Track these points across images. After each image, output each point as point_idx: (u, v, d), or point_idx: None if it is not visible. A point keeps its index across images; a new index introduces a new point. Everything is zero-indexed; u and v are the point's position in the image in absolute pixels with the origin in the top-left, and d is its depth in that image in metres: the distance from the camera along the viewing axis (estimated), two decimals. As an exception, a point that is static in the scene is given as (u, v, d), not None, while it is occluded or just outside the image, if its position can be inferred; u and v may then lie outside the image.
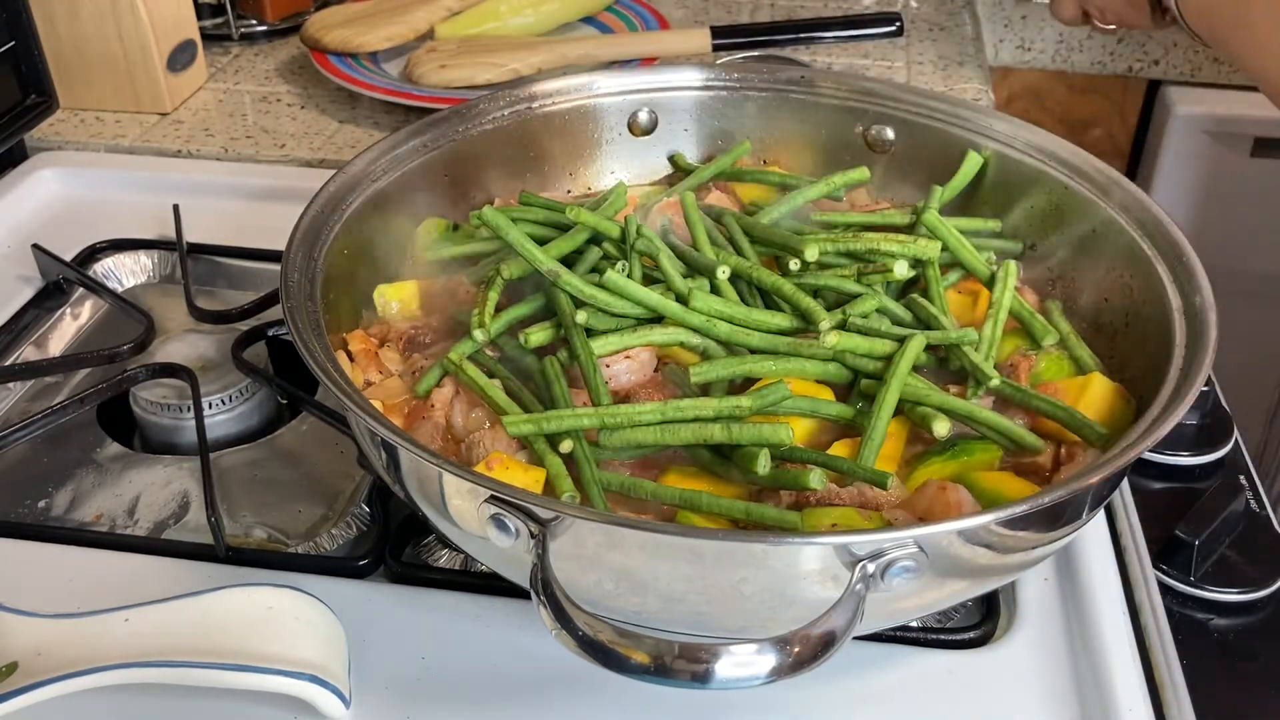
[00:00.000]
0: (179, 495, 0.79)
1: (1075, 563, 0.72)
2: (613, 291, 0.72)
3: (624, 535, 0.55)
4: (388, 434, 0.59)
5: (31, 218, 1.09)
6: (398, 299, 0.78)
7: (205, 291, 1.01)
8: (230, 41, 1.43)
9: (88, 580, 0.72)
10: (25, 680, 0.59)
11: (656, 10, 1.40)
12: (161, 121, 1.25)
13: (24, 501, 0.79)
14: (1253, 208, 1.57)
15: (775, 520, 0.62)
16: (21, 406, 0.88)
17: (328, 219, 0.76)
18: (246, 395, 0.86)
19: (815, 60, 1.38)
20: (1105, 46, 1.57)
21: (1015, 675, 0.66)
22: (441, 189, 0.86)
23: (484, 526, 0.57)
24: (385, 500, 0.76)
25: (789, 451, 0.65)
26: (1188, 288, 0.70)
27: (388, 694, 0.65)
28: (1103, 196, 0.78)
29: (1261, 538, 0.76)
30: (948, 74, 1.36)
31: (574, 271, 0.74)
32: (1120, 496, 0.78)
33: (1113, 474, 0.59)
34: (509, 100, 0.89)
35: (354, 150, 1.17)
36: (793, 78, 0.92)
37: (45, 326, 0.97)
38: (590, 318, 0.71)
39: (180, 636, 0.61)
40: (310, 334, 0.66)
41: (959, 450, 0.67)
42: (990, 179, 0.85)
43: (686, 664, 0.51)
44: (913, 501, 0.64)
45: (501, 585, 0.69)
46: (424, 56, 1.27)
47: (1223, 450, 0.83)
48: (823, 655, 0.52)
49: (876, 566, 0.54)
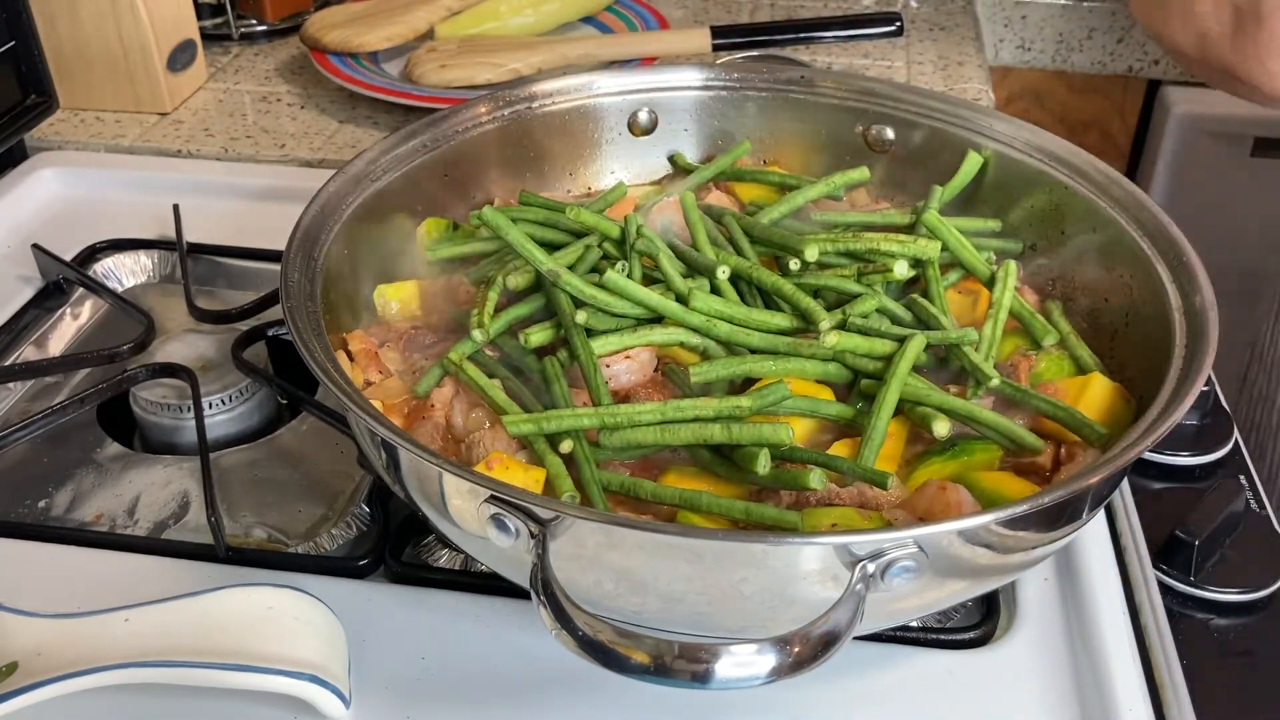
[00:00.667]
0: (179, 495, 0.79)
1: (1075, 563, 0.72)
2: (612, 291, 0.72)
3: (624, 535, 0.55)
4: (388, 434, 0.59)
5: (31, 218, 1.09)
6: (398, 299, 0.78)
7: (205, 291, 1.01)
8: (230, 41, 1.43)
9: (88, 580, 0.72)
10: (25, 680, 0.59)
11: (656, 10, 1.40)
12: (161, 121, 1.25)
13: (24, 501, 0.79)
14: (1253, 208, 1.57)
15: (775, 520, 0.62)
16: (21, 406, 0.88)
17: (328, 219, 0.76)
18: (246, 395, 0.86)
19: (815, 60, 1.38)
20: (1105, 46, 1.57)
21: (1015, 675, 0.66)
22: (441, 189, 0.86)
23: (484, 526, 0.57)
24: (385, 500, 0.76)
25: (789, 451, 0.65)
26: (1188, 288, 0.70)
27: (388, 694, 0.65)
28: (1103, 196, 0.78)
29: (1261, 538, 0.76)
30: (948, 74, 1.36)
31: (574, 272, 0.74)
32: (1120, 496, 0.78)
33: (1113, 474, 0.59)
34: (509, 100, 0.89)
35: (354, 150, 1.17)
36: (793, 78, 0.92)
37: (45, 326, 0.97)
38: (590, 318, 0.71)
39: (180, 636, 0.61)
40: (310, 334, 0.66)
41: (959, 450, 0.67)
42: (990, 179, 0.85)
43: (686, 664, 0.51)
44: (913, 501, 0.64)
45: (501, 585, 0.69)
46: (424, 56, 1.27)
47: (1223, 450, 0.83)
48: (823, 655, 0.52)
49: (876, 566, 0.54)
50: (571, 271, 0.74)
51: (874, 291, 0.74)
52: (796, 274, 0.76)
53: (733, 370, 0.69)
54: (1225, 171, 1.56)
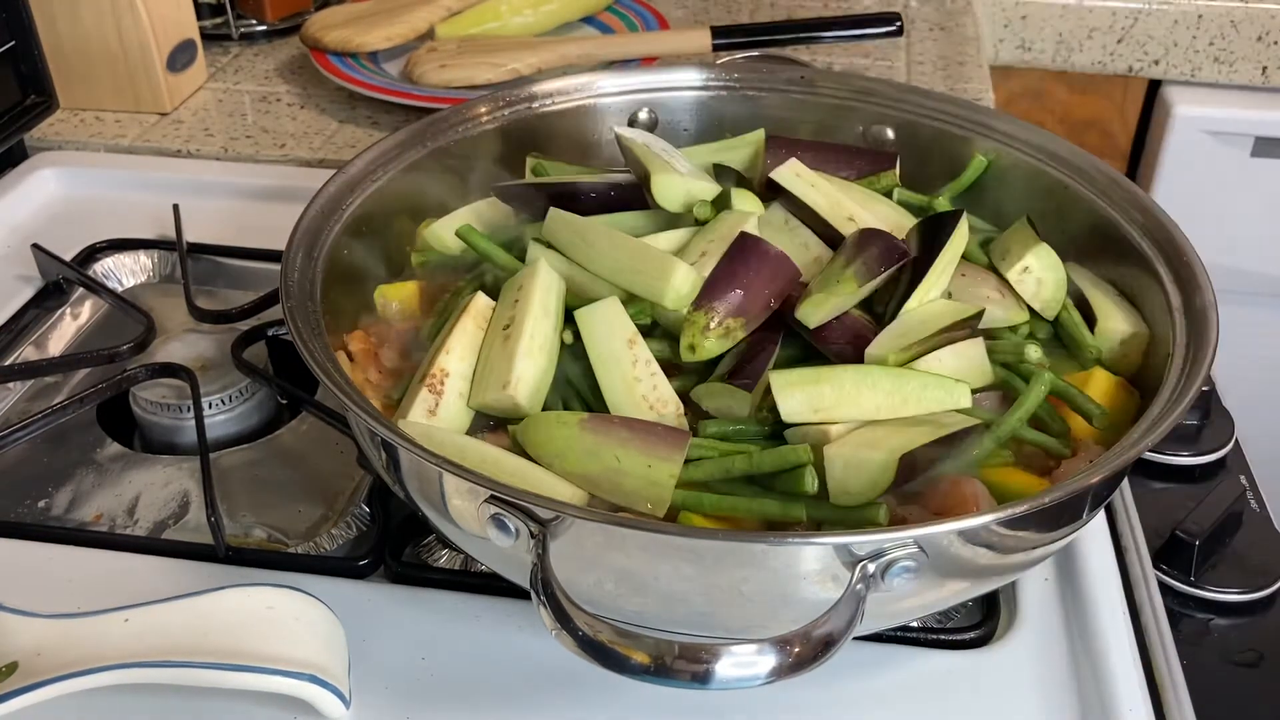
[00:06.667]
0: (179, 495, 0.79)
1: (1075, 563, 0.72)
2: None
3: (624, 535, 0.55)
4: (388, 434, 0.59)
5: (31, 218, 1.09)
6: (398, 299, 0.78)
7: (205, 291, 1.01)
8: (230, 41, 1.43)
9: (88, 580, 0.72)
10: (25, 680, 0.58)
11: (656, 10, 1.40)
12: (161, 121, 1.25)
13: (24, 501, 0.79)
14: (1253, 208, 1.57)
15: (778, 516, 0.62)
16: (21, 406, 0.88)
17: (328, 219, 0.76)
18: (246, 395, 0.86)
19: (815, 60, 1.38)
20: (1105, 46, 1.57)
21: (1015, 675, 0.66)
22: (442, 189, 0.86)
23: (484, 526, 0.57)
24: (385, 500, 0.76)
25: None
26: (1188, 288, 0.70)
27: (388, 694, 0.65)
28: (1103, 196, 0.78)
29: (1261, 538, 0.76)
30: (948, 74, 1.36)
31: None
32: (1120, 496, 0.78)
33: (1113, 474, 0.59)
34: (509, 100, 0.89)
35: (354, 150, 1.17)
36: (793, 78, 0.92)
37: (45, 326, 0.97)
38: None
39: (180, 636, 0.61)
40: (310, 334, 0.66)
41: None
42: (990, 179, 0.85)
43: (686, 664, 0.51)
44: (925, 496, 0.64)
45: (501, 585, 0.69)
46: (424, 56, 1.27)
47: (1223, 450, 0.83)
48: (823, 655, 0.52)
49: (877, 566, 0.54)
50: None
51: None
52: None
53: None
54: (1225, 171, 1.56)
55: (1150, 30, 1.54)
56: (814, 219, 0.76)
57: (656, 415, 0.66)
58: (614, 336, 0.68)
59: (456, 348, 0.69)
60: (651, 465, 0.61)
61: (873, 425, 0.64)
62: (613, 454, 0.62)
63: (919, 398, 0.65)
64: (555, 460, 0.63)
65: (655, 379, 0.67)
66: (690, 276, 0.69)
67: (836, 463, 0.62)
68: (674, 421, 0.66)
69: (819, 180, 0.78)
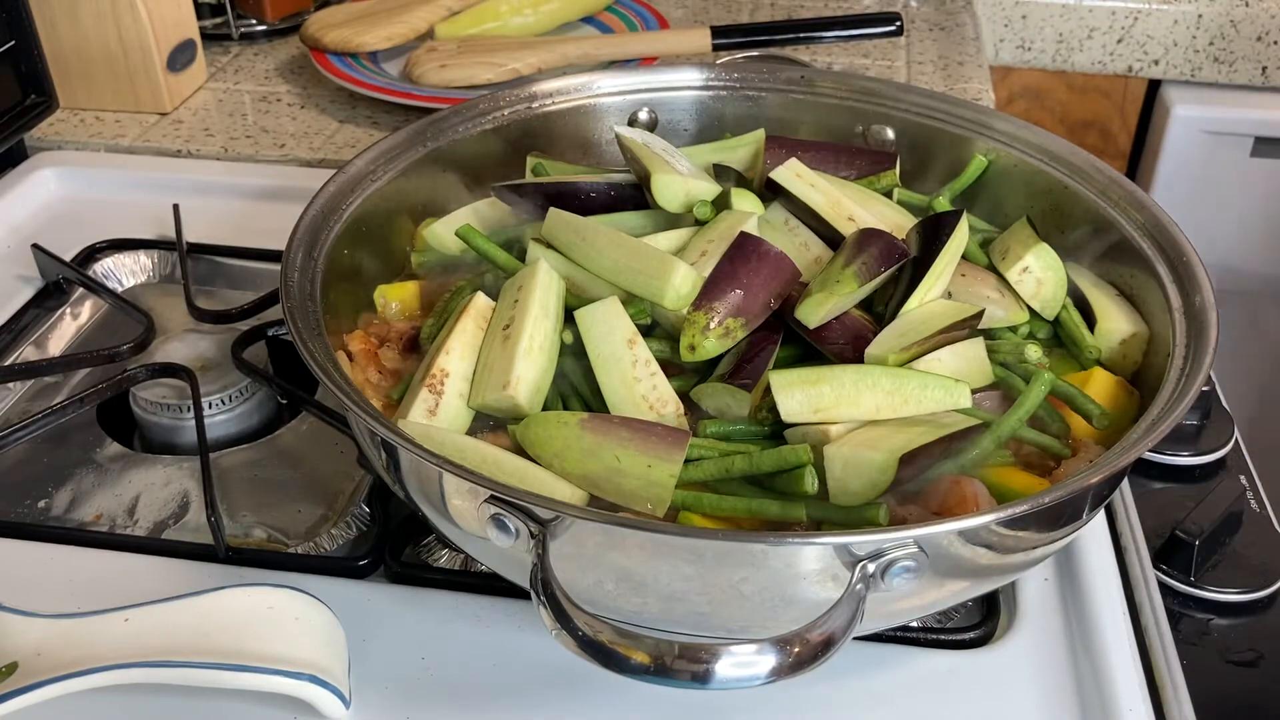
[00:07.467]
0: (179, 495, 0.79)
1: (1075, 563, 0.72)
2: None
3: (624, 535, 0.55)
4: (388, 434, 0.59)
5: (31, 218, 1.09)
6: (398, 299, 0.78)
7: (205, 291, 1.01)
8: (230, 41, 1.43)
9: (88, 580, 0.72)
10: (25, 680, 0.58)
11: (656, 10, 1.40)
12: (161, 121, 1.25)
13: (24, 501, 0.79)
14: (1253, 208, 1.57)
15: (777, 516, 0.62)
16: (21, 406, 0.88)
17: (328, 219, 0.76)
18: (246, 395, 0.86)
19: (815, 60, 1.38)
20: (1105, 46, 1.57)
21: (1015, 675, 0.66)
22: (442, 188, 0.86)
23: (484, 526, 0.57)
24: (385, 500, 0.76)
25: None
26: (1188, 288, 0.70)
27: (388, 694, 0.65)
28: (1103, 196, 0.78)
29: (1261, 538, 0.76)
30: (948, 74, 1.36)
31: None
32: (1120, 496, 0.78)
33: (1113, 474, 0.59)
34: (509, 100, 0.89)
35: (354, 150, 1.17)
36: (793, 78, 0.92)
37: (45, 326, 0.97)
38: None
39: (180, 636, 0.61)
40: (310, 334, 0.66)
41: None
42: (990, 179, 0.85)
43: (686, 664, 0.51)
44: (926, 496, 0.64)
45: (501, 585, 0.69)
46: (424, 56, 1.27)
47: (1223, 450, 0.83)
48: (823, 655, 0.52)
49: (876, 566, 0.54)
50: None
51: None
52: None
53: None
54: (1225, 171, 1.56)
55: (1150, 30, 1.54)
56: (814, 219, 0.76)
57: (656, 415, 0.66)
58: (614, 336, 0.68)
59: (456, 348, 0.69)
60: (651, 465, 0.61)
61: (872, 425, 0.64)
62: (613, 454, 0.62)
63: (919, 398, 0.65)
64: (555, 460, 0.63)
65: (655, 379, 0.67)
66: (690, 276, 0.69)
67: (836, 463, 0.62)
68: (674, 421, 0.66)
69: (819, 180, 0.78)
